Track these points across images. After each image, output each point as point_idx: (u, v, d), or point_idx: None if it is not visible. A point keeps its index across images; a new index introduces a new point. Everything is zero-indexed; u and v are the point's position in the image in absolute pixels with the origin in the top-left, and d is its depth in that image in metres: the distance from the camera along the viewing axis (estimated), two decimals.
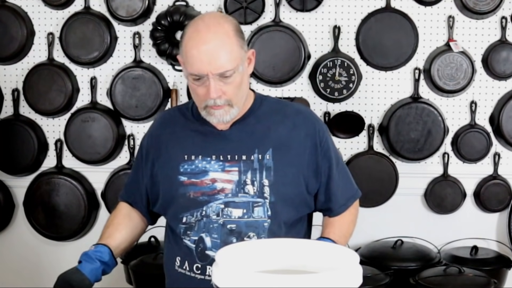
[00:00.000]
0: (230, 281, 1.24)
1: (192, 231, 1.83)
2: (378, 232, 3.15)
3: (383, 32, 3.14)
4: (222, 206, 1.80)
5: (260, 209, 1.80)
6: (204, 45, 1.71)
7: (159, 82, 3.18)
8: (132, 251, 3.09)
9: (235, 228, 1.79)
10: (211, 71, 1.70)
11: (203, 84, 1.73)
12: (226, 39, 1.72)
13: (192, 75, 1.74)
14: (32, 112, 3.27)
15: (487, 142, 3.18)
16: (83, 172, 3.32)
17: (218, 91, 1.73)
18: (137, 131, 3.29)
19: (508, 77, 3.19)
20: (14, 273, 3.38)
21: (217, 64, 1.70)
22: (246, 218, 1.80)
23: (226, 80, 1.73)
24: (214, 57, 1.70)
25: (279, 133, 1.84)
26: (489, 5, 3.09)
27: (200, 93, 1.76)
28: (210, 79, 1.71)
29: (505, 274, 3.02)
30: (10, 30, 3.20)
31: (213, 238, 1.80)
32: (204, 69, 1.71)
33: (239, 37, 1.76)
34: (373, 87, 3.21)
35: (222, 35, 1.72)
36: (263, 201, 1.81)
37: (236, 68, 1.73)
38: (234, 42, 1.74)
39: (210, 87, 1.72)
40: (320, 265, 1.37)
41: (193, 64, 1.72)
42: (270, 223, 1.80)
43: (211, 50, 1.70)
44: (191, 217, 1.83)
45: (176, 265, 1.88)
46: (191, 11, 3.13)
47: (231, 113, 1.77)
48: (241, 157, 1.82)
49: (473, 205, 3.27)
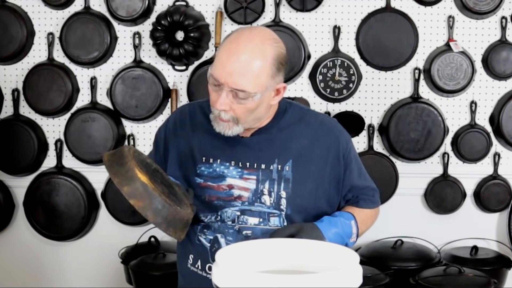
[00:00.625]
0: (230, 281, 1.24)
1: (209, 230, 1.81)
2: (378, 232, 3.15)
3: (383, 32, 3.14)
4: (238, 213, 1.78)
5: (276, 219, 1.79)
6: (235, 55, 1.64)
7: (159, 82, 3.18)
8: (132, 251, 3.10)
9: (250, 235, 1.78)
10: (227, 82, 1.64)
11: (218, 91, 1.68)
12: (260, 62, 1.65)
13: (211, 78, 1.69)
14: (32, 112, 3.27)
15: (487, 142, 3.18)
16: (83, 172, 3.32)
17: (226, 105, 1.67)
18: (137, 131, 3.29)
19: (508, 77, 3.19)
20: (14, 273, 3.38)
21: (237, 80, 1.64)
22: (262, 226, 1.78)
23: (239, 101, 1.67)
24: (238, 72, 1.64)
25: (301, 144, 1.80)
26: (489, 5, 3.09)
27: (212, 98, 1.72)
28: (224, 90, 1.66)
29: (505, 274, 3.02)
30: (10, 30, 3.20)
31: (228, 240, 1.78)
32: (222, 77, 1.65)
33: (276, 67, 1.68)
34: (373, 87, 3.21)
35: (258, 55, 1.65)
36: (279, 213, 1.78)
37: (254, 94, 1.66)
38: (266, 69, 1.66)
39: (220, 97, 1.67)
40: (320, 265, 1.37)
41: (217, 67, 1.67)
42: None
43: (238, 64, 1.64)
44: (205, 218, 1.82)
45: (189, 263, 1.85)
46: (191, 11, 3.13)
47: (233, 130, 1.72)
48: (260, 165, 1.78)
49: (473, 205, 3.27)
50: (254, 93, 1.66)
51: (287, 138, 1.80)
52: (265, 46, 1.67)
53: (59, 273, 3.39)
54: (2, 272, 3.39)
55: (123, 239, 3.20)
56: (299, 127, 1.82)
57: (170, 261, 2.92)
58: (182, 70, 3.22)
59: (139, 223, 3.25)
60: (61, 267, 3.39)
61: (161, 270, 2.89)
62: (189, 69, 3.21)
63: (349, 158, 1.84)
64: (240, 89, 1.65)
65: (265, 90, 1.68)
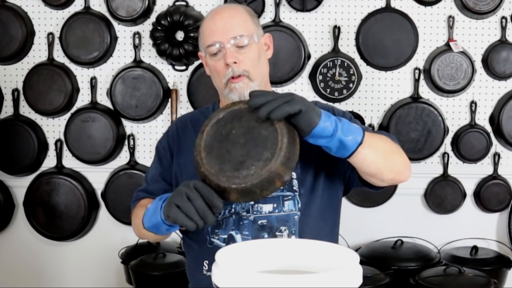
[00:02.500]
0: (230, 281, 1.24)
1: (220, 229, 1.80)
2: (378, 232, 3.16)
3: (383, 32, 3.14)
4: (252, 202, 1.79)
5: (290, 202, 1.80)
6: (219, 15, 1.83)
7: (159, 82, 3.18)
8: (132, 251, 3.10)
9: (266, 224, 1.78)
10: (226, 36, 1.78)
11: (221, 57, 1.79)
12: (239, 12, 1.84)
13: (210, 48, 1.80)
14: (32, 112, 3.27)
15: (487, 142, 3.18)
16: (83, 172, 3.32)
17: (233, 57, 1.77)
18: (137, 131, 3.29)
19: (508, 77, 3.19)
20: (14, 273, 3.38)
21: (232, 29, 1.79)
22: (277, 213, 1.79)
23: (242, 50, 1.79)
24: (229, 23, 1.80)
25: None
26: (489, 5, 3.09)
27: (219, 67, 1.80)
28: (226, 46, 1.78)
29: (505, 274, 3.02)
30: (10, 30, 3.20)
31: (244, 235, 1.78)
32: (219, 36, 1.79)
33: (254, 17, 1.88)
34: (373, 87, 3.21)
35: (235, 9, 1.86)
36: (292, 194, 1.80)
37: (250, 35, 1.80)
38: (248, 17, 1.84)
39: (226, 53, 1.78)
40: (320, 265, 1.37)
41: (209, 34, 1.81)
42: (301, 216, 1.79)
43: (225, 18, 1.81)
44: (218, 215, 1.80)
45: (204, 270, 1.82)
46: (191, 11, 3.13)
47: (250, 86, 1.79)
48: None
49: (473, 205, 3.27)
50: (250, 35, 1.81)
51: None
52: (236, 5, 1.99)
53: (59, 273, 3.39)
54: (2, 272, 3.39)
55: (123, 239, 3.20)
56: None
57: (170, 261, 2.92)
58: (182, 70, 3.22)
59: None
60: (61, 267, 3.39)
61: (161, 270, 2.89)
62: (189, 69, 3.21)
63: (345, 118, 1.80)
64: (238, 35, 1.79)
65: (256, 33, 1.83)
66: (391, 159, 1.69)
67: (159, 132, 3.26)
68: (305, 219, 1.80)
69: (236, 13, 1.83)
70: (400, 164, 1.72)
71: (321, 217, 1.84)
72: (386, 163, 1.67)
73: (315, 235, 1.73)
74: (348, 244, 3.02)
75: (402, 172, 1.73)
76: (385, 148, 1.67)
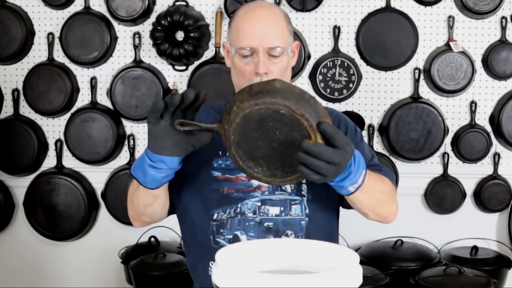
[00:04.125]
0: (230, 281, 1.24)
1: (225, 229, 1.78)
2: (378, 232, 3.15)
3: (383, 32, 3.14)
4: (259, 203, 1.77)
5: (298, 207, 1.79)
6: (258, 19, 1.76)
7: (159, 82, 3.18)
8: (132, 251, 3.10)
9: (272, 226, 1.77)
10: (262, 44, 1.74)
11: (251, 61, 1.76)
12: (278, 18, 1.78)
13: (242, 50, 1.76)
14: (32, 112, 3.27)
15: (487, 142, 3.18)
16: (83, 172, 3.32)
17: (265, 67, 1.74)
18: (137, 131, 3.29)
19: (508, 77, 3.19)
20: (14, 273, 3.38)
21: (269, 39, 1.74)
22: (284, 216, 1.77)
23: (274, 60, 1.76)
24: (267, 31, 1.75)
25: None
26: (489, 5, 3.09)
27: (247, 70, 1.77)
28: (260, 54, 1.74)
29: (505, 274, 3.02)
30: (10, 30, 3.20)
31: (250, 236, 1.76)
32: (255, 42, 1.74)
33: (289, 24, 1.82)
34: (373, 87, 3.21)
35: (275, 14, 1.79)
36: (300, 199, 1.79)
37: (285, 48, 1.77)
38: (285, 25, 1.79)
39: (259, 61, 1.74)
40: (320, 265, 1.37)
41: (245, 37, 1.75)
42: (308, 222, 1.78)
43: (264, 24, 1.75)
44: (223, 214, 1.78)
45: (210, 271, 1.78)
46: (191, 11, 3.13)
47: None
48: None
49: (473, 205, 3.27)
50: (285, 47, 1.77)
51: None
52: (274, 8, 1.83)
53: (59, 273, 3.39)
54: (2, 272, 3.39)
55: (123, 239, 3.20)
56: None
57: (170, 261, 2.92)
58: (182, 70, 3.22)
59: None
60: (61, 267, 3.39)
61: (161, 270, 2.89)
62: (189, 69, 3.21)
63: (356, 139, 1.85)
64: (274, 46, 1.74)
65: (289, 45, 1.80)
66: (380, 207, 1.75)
67: None
68: (313, 226, 1.79)
69: (276, 21, 1.78)
70: (388, 212, 1.80)
71: (327, 223, 1.84)
72: (374, 209, 1.74)
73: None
74: (348, 244, 3.01)
75: (387, 217, 1.82)
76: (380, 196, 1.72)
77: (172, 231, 3.16)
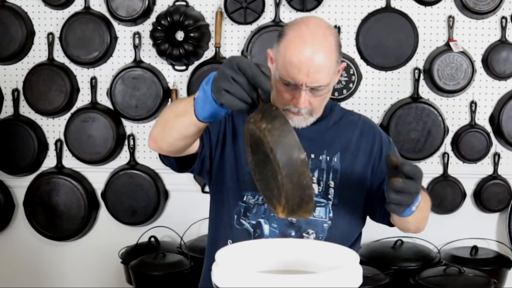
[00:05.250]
0: (230, 281, 1.24)
1: (251, 214, 1.79)
2: (378, 232, 3.15)
3: (383, 32, 3.14)
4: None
5: (322, 210, 1.80)
6: (306, 56, 1.66)
7: (159, 82, 3.18)
8: (132, 251, 3.10)
9: (295, 222, 1.78)
10: (306, 83, 1.68)
11: (291, 90, 1.71)
12: (329, 55, 1.69)
13: (284, 78, 1.70)
14: (32, 112, 3.27)
15: (487, 142, 3.18)
16: (83, 172, 3.32)
17: (306, 103, 1.71)
18: (137, 131, 3.29)
19: (508, 77, 3.19)
20: (14, 273, 3.38)
21: (314, 78, 1.68)
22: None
23: (316, 93, 1.71)
24: (314, 71, 1.67)
25: (348, 139, 1.85)
26: (489, 5, 3.09)
27: (285, 97, 1.73)
28: (302, 90, 1.69)
29: (505, 274, 3.02)
30: (10, 30, 3.20)
31: (272, 227, 1.77)
32: (299, 79, 1.68)
33: (339, 52, 1.74)
34: (373, 87, 3.21)
35: (326, 49, 1.69)
36: (325, 202, 1.81)
37: (329, 84, 1.72)
38: (334, 59, 1.71)
39: (300, 98, 1.69)
40: (320, 265, 1.37)
41: (290, 71, 1.68)
42: (330, 225, 1.80)
43: (312, 63, 1.66)
44: (251, 198, 1.79)
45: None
46: (191, 11, 3.13)
47: (308, 121, 1.77)
48: (310, 155, 1.81)
49: (473, 205, 3.27)
50: (330, 83, 1.73)
51: (335, 132, 1.86)
52: (327, 37, 1.71)
53: (59, 273, 3.39)
54: (2, 272, 3.39)
55: (123, 239, 3.20)
56: (345, 123, 1.88)
57: (170, 261, 2.92)
58: (182, 70, 3.22)
59: (139, 223, 3.26)
60: (61, 267, 3.39)
61: (161, 270, 2.89)
62: (189, 69, 3.21)
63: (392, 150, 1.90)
64: (319, 85, 1.69)
65: (334, 76, 1.76)
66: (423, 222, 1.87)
67: None
68: (334, 230, 1.81)
69: (325, 59, 1.67)
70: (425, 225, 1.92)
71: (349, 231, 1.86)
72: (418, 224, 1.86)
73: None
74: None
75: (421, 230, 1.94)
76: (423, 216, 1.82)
77: (172, 231, 3.16)
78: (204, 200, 3.24)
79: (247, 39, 3.14)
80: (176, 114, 1.57)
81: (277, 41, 1.75)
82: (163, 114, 1.68)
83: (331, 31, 1.73)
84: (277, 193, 1.35)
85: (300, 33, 1.70)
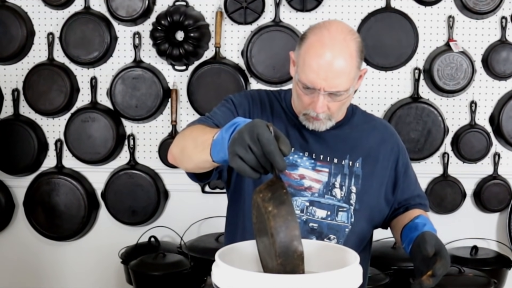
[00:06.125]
0: (230, 281, 1.24)
1: None
2: (378, 232, 3.13)
3: (383, 32, 3.14)
4: (307, 203, 1.78)
5: (344, 215, 1.81)
6: (325, 61, 1.66)
7: (159, 82, 3.18)
8: (132, 251, 3.10)
9: (316, 228, 1.79)
10: (324, 87, 1.68)
11: (310, 94, 1.71)
12: (349, 60, 1.68)
13: (303, 82, 1.70)
14: (32, 112, 3.27)
15: (487, 142, 3.18)
16: (83, 172, 3.32)
17: (324, 107, 1.71)
18: (137, 131, 3.29)
19: (508, 77, 3.19)
20: (14, 273, 3.38)
21: (333, 83, 1.67)
22: (329, 220, 1.79)
23: (335, 98, 1.71)
24: (332, 76, 1.66)
25: (369, 144, 1.86)
26: (489, 5, 3.09)
27: (305, 101, 1.73)
28: (320, 95, 1.69)
29: (505, 274, 3.02)
30: (10, 30, 3.20)
31: None
32: (318, 84, 1.67)
33: (360, 58, 1.73)
34: (373, 87, 3.21)
35: (346, 55, 1.68)
36: (348, 207, 1.81)
37: (348, 89, 1.71)
38: (354, 64, 1.70)
39: (318, 102, 1.69)
40: (320, 265, 1.37)
41: (308, 75, 1.68)
42: (350, 230, 1.81)
43: (331, 68, 1.66)
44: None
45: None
46: (191, 11, 3.13)
47: (327, 125, 1.77)
48: (333, 159, 1.81)
49: (473, 205, 3.27)
50: (349, 88, 1.71)
51: (357, 137, 1.86)
52: (347, 42, 1.70)
53: (59, 273, 3.39)
54: (2, 272, 3.39)
55: (123, 239, 3.20)
56: (367, 128, 1.88)
57: (170, 261, 2.92)
58: (182, 70, 3.22)
59: (139, 223, 3.26)
60: (61, 267, 3.39)
61: (161, 270, 2.88)
62: (189, 69, 3.21)
63: (407, 164, 1.91)
64: (337, 90, 1.68)
65: (354, 82, 1.74)
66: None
67: (159, 132, 3.26)
68: (352, 235, 1.81)
69: (345, 64, 1.67)
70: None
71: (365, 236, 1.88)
72: None
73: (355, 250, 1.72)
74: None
75: None
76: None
77: (172, 231, 3.16)
78: (204, 200, 3.26)
79: (247, 39, 3.14)
80: (195, 145, 1.55)
81: (299, 44, 1.75)
82: (184, 136, 1.64)
83: (352, 36, 1.72)
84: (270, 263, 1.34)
85: (321, 37, 1.69)
